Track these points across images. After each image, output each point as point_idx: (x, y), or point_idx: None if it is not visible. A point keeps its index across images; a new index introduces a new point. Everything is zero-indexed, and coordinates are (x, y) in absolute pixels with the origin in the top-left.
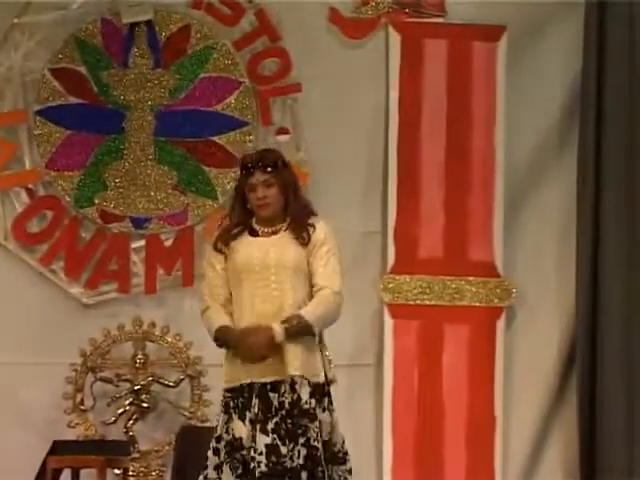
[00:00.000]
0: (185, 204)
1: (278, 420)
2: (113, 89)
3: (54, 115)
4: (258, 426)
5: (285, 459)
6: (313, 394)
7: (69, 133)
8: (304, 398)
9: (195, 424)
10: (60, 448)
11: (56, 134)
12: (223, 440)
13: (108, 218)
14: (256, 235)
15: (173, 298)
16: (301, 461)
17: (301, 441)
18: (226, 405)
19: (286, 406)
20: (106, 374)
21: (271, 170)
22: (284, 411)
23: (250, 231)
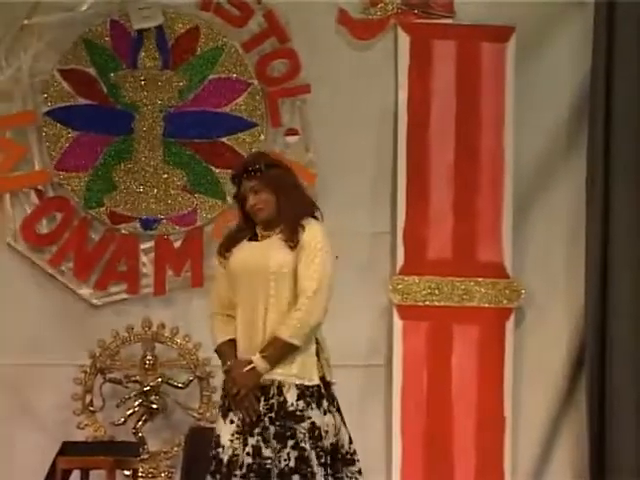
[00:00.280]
0: (194, 205)
1: (266, 423)
2: (122, 90)
3: (63, 116)
4: (237, 428)
5: (267, 461)
6: (302, 396)
7: (78, 134)
8: (290, 400)
9: (204, 425)
10: (69, 449)
11: (65, 135)
12: None
13: (117, 219)
14: (256, 240)
15: (182, 299)
16: (292, 464)
17: (290, 443)
18: (220, 406)
19: (275, 409)
20: (115, 375)
21: (256, 176)
22: (273, 414)
23: (253, 236)
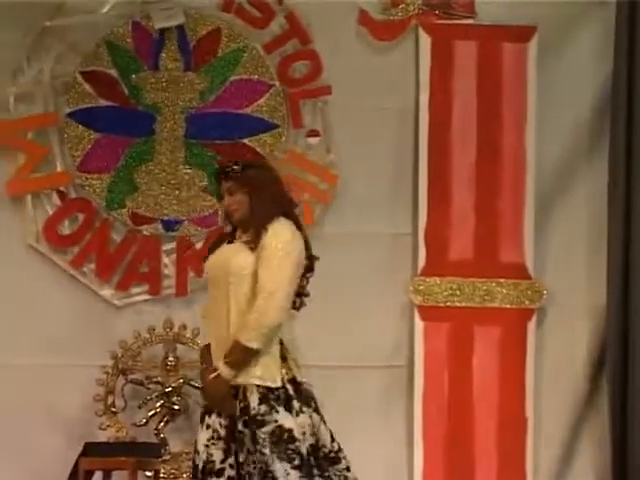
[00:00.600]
0: (215, 206)
1: (231, 427)
2: (144, 92)
3: (85, 118)
4: (215, 434)
5: (223, 465)
6: (264, 400)
7: (100, 136)
8: (252, 404)
9: None
10: (92, 450)
11: (87, 137)
12: None
13: (139, 220)
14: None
15: (204, 300)
16: (252, 469)
17: (252, 449)
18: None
19: (239, 413)
20: (137, 376)
21: (232, 177)
22: (236, 418)
23: (233, 238)
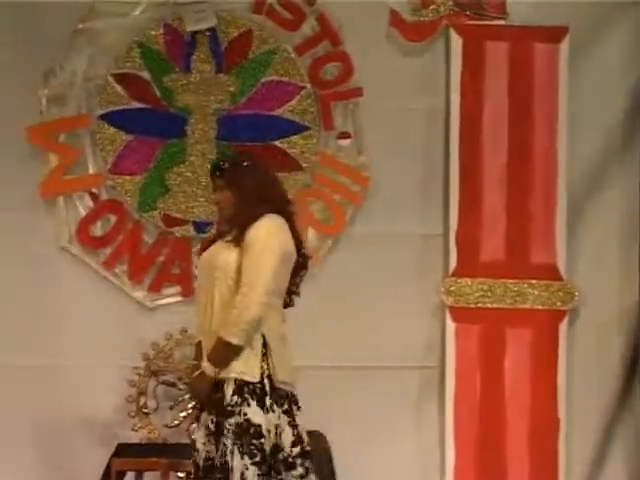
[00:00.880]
0: None
1: (210, 418)
2: (175, 94)
3: (117, 120)
4: (207, 431)
5: (201, 454)
6: (238, 392)
7: (132, 137)
8: (227, 396)
9: None
10: (124, 451)
11: (119, 138)
12: None
13: (170, 222)
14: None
15: None
16: (217, 460)
17: (220, 439)
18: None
19: (216, 405)
20: (169, 377)
21: (219, 174)
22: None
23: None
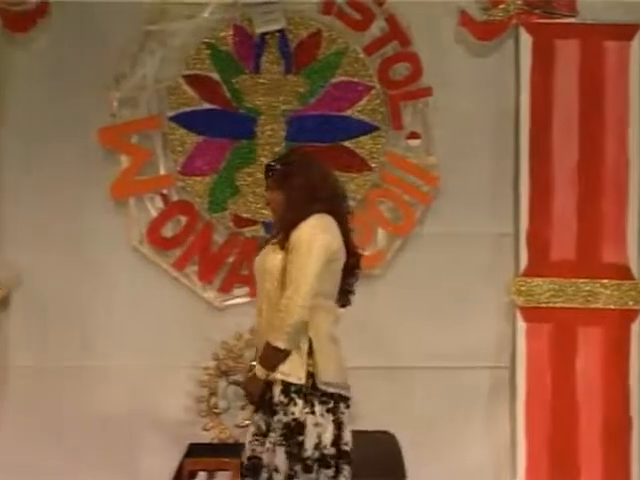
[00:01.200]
0: None
1: (262, 418)
2: (245, 95)
3: (187, 121)
4: (258, 430)
5: (246, 452)
6: (284, 392)
7: (202, 139)
8: (275, 396)
9: None
10: (195, 451)
11: (189, 140)
12: None
13: (241, 223)
14: None
15: None
16: (273, 456)
17: (269, 438)
18: None
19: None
20: (239, 377)
21: (272, 175)
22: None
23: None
